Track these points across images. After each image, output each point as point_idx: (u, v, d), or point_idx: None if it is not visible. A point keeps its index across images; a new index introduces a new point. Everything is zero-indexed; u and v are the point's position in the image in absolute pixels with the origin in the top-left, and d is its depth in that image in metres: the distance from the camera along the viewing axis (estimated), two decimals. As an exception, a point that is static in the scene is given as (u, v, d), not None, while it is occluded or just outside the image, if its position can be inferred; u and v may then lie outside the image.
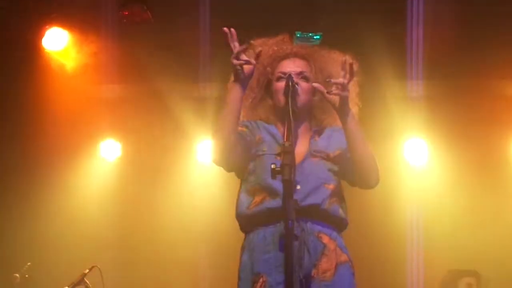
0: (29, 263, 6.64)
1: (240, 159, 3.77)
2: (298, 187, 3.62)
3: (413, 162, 7.99)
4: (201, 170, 7.98)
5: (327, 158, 3.80)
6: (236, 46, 3.62)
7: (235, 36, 3.63)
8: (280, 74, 3.83)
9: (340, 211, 3.78)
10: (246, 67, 3.67)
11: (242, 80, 3.67)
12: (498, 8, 7.01)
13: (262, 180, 3.70)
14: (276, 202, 3.63)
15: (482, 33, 7.17)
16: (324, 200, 3.71)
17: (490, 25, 7.09)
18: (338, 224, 3.79)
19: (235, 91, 3.68)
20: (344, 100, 3.65)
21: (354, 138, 3.72)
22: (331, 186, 3.76)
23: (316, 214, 3.68)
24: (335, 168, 3.81)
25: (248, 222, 3.78)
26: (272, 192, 3.67)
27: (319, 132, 3.90)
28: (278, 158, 3.50)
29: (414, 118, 7.80)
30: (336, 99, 3.68)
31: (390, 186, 7.79)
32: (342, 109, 3.68)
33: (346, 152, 3.81)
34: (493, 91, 7.81)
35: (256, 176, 3.75)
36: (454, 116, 7.76)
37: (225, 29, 3.65)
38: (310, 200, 3.67)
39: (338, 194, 3.80)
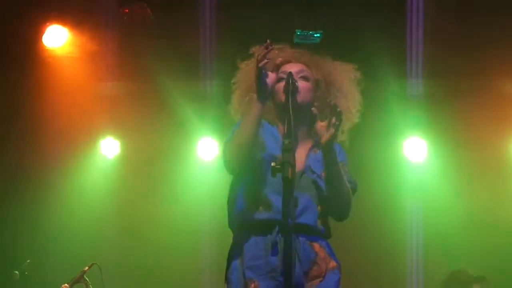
0: (28, 260, 6.64)
1: (249, 166, 3.75)
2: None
3: (413, 160, 7.99)
4: (201, 167, 7.98)
5: (322, 177, 3.80)
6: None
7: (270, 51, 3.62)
8: (281, 75, 3.82)
9: (326, 228, 3.82)
10: (269, 79, 3.69)
11: (265, 95, 3.67)
12: (499, 6, 7.01)
13: (260, 190, 3.70)
14: (268, 215, 3.66)
15: (482, 31, 7.17)
16: (315, 221, 3.74)
17: (491, 23, 7.10)
18: (325, 236, 3.83)
19: (257, 107, 3.68)
20: (331, 140, 3.66)
21: (331, 176, 3.73)
22: (319, 208, 3.77)
23: (308, 231, 3.71)
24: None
25: (239, 226, 3.78)
26: (266, 204, 3.67)
27: (318, 144, 3.86)
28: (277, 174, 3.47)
29: (414, 117, 7.81)
30: (323, 133, 3.69)
31: (390, 184, 7.83)
32: (327, 147, 3.68)
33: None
34: (493, 90, 7.82)
35: (254, 183, 3.74)
36: (454, 114, 7.77)
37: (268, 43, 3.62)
38: (304, 219, 3.69)
39: (325, 214, 3.82)
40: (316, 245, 3.73)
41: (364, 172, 7.47)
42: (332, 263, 3.76)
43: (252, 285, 3.64)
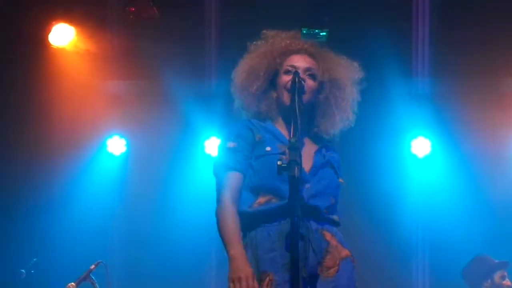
0: (35, 259, 6.66)
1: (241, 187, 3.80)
2: (308, 185, 3.65)
3: (419, 159, 7.99)
4: (209, 166, 7.97)
5: (338, 176, 3.85)
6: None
7: None
8: (288, 67, 3.83)
9: (336, 218, 3.83)
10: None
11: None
12: (506, 4, 7.00)
13: (268, 182, 3.69)
14: (281, 204, 3.64)
15: (488, 30, 7.16)
16: (327, 208, 3.75)
17: (497, 22, 7.09)
18: (335, 224, 3.83)
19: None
20: None
21: None
22: (333, 200, 3.80)
23: (318, 216, 3.71)
24: (339, 189, 3.86)
25: (248, 220, 3.74)
26: (278, 194, 3.66)
27: (326, 148, 3.89)
28: (284, 157, 3.46)
29: (420, 115, 7.81)
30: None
31: (397, 183, 7.82)
32: None
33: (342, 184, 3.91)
34: (499, 88, 7.82)
35: (260, 177, 3.72)
36: (460, 112, 7.77)
37: None
38: (315, 202, 3.69)
39: (334, 208, 3.83)
40: (327, 234, 3.72)
41: (371, 169, 7.52)
42: (345, 251, 3.75)
43: (267, 279, 3.61)
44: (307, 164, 3.68)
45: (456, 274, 7.31)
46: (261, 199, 3.71)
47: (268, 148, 3.75)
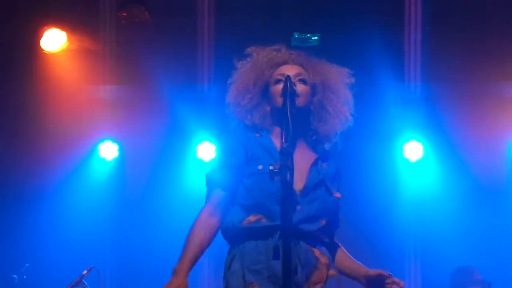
0: (27, 264, 6.65)
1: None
2: (299, 207, 3.65)
3: (412, 163, 8.00)
4: (201, 171, 7.97)
5: (331, 193, 3.82)
6: None
7: None
8: (278, 77, 3.81)
9: (329, 238, 3.84)
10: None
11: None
12: (497, 9, 7.02)
13: (259, 202, 3.68)
14: (271, 224, 3.64)
15: (480, 35, 7.19)
16: (317, 230, 3.74)
17: (489, 26, 7.11)
18: (325, 244, 3.82)
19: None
20: None
21: None
22: (323, 222, 3.77)
23: (308, 237, 3.71)
24: (333, 206, 3.85)
25: (238, 233, 3.75)
26: (269, 216, 3.65)
27: (323, 157, 3.88)
28: (276, 178, 3.40)
29: (413, 120, 7.82)
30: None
31: (389, 188, 7.83)
32: None
33: (340, 199, 3.90)
34: (491, 92, 7.83)
35: (252, 196, 3.71)
36: (453, 117, 7.78)
37: None
38: (305, 227, 3.68)
39: (326, 230, 3.82)
40: (316, 251, 3.72)
41: (363, 173, 7.53)
42: (331, 271, 3.77)
43: None
44: (300, 182, 3.67)
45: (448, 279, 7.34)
46: (252, 218, 3.70)
47: (260, 167, 3.71)
